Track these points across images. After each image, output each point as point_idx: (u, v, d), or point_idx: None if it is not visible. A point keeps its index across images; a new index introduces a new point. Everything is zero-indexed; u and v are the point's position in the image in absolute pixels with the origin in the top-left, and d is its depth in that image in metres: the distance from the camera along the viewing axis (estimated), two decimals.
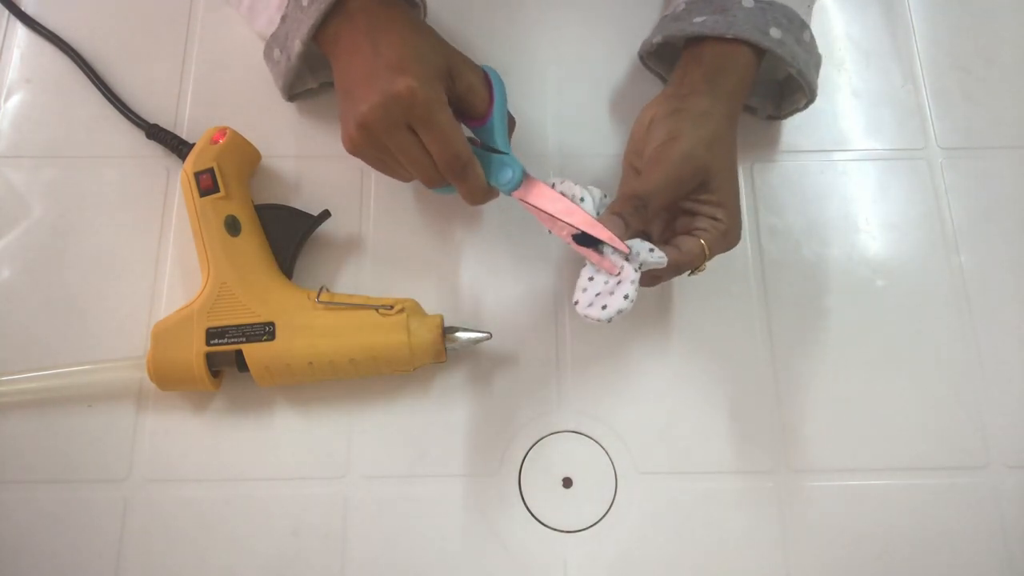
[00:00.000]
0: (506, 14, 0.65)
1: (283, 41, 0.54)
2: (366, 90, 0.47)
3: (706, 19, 0.52)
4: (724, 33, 0.51)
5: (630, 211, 0.48)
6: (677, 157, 0.48)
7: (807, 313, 0.48)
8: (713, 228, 0.49)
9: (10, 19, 0.65)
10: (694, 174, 0.48)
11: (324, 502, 0.52)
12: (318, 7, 0.49)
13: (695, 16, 0.53)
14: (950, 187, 0.60)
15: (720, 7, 0.53)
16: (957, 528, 0.52)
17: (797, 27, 0.53)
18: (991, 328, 0.56)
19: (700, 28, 0.52)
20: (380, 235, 0.59)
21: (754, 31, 0.51)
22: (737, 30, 0.51)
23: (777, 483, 0.53)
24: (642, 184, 0.48)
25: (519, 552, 0.51)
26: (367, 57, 0.48)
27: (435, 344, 0.52)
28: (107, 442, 0.53)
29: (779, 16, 0.53)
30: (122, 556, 0.51)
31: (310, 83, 0.59)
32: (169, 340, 0.52)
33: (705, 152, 0.48)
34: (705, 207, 0.50)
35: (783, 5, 0.53)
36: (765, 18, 0.52)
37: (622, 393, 0.55)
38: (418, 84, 0.46)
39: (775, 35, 0.52)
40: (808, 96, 0.56)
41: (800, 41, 0.53)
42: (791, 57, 0.52)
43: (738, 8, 0.52)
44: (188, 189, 0.55)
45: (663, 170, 0.48)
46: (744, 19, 0.52)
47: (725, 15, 0.52)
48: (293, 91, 0.59)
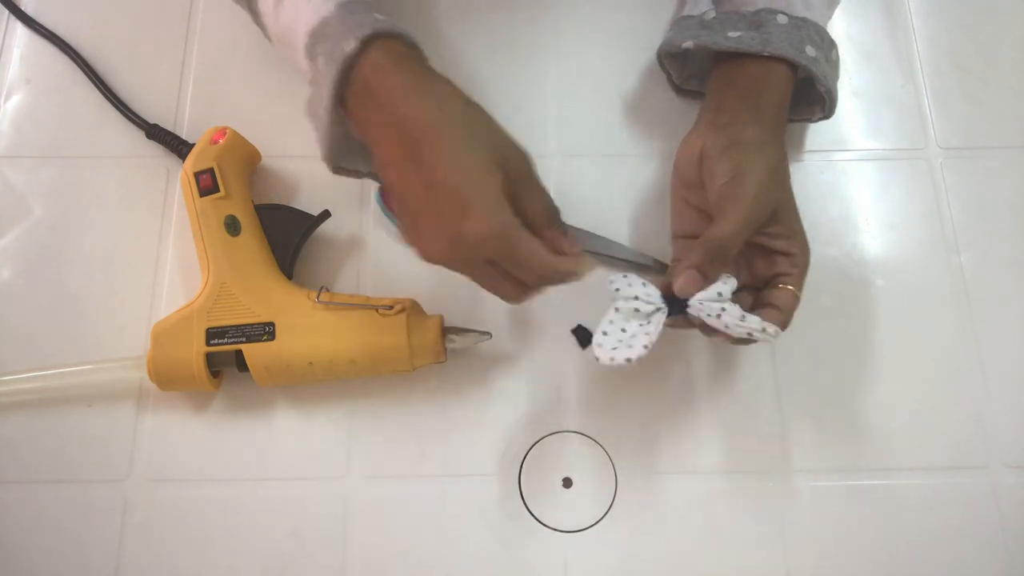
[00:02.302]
0: (506, 14, 0.65)
1: (313, 110, 0.47)
2: (430, 224, 0.43)
3: (742, 35, 0.52)
4: (761, 51, 0.50)
5: (708, 262, 0.46)
6: (751, 197, 0.46)
7: (807, 313, 0.48)
8: (792, 268, 0.48)
9: (10, 19, 0.65)
10: (768, 212, 0.47)
11: (324, 502, 0.52)
12: (331, 74, 0.44)
13: (729, 30, 0.52)
14: (950, 187, 0.60)
15: (755, 23, 0.52)
16: (957, 528, 0.52)
17: (828, 45, 0.53)
18: (991, 328, 0.56)
19: (736, 44, 0.51)
20: (380, 235, 0.58)
21: (790, 49, 0.50)
22: (774, 48, 0.50)
23: (777, 483, 0.53)
24: (721, 229, 0.46)
25: (519, 552, 0.51)
26: (421, 177, 0.43)
27: (435, 344, 0.52)
28: (107, 442, 0.53)
29: (812, 34, 0.52)
30: (122, 556, 0.51)
31: (360, 165, 0.52)
32: (169, 340, 0.52)
33: (773, 186, 0.47)
34: (778, 242, 0.48)
35: (814, 23, 0.52)
36: (800, 35, 0.51)
37: (622, 393, 0.55)
38: (492, 227, 0.41)
39: (810, 53, 0.51)
40: (825, 113, 0.56)
41: (829, 59, 0.53)
42: (823, 76, 0.52)
43: (773, 24, 0.51)
44: (188, 189, 0.55)
45: (741, 212, 0.46)
46: (780, 36, 0.51)
47: (760, 31, 0.51)
48: (340, 164, 0.51)
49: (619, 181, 0.60)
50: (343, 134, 0.48)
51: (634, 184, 0.60)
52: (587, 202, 0.59)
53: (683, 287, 0.46)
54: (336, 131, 0.47)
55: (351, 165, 0.52)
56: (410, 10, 0.64)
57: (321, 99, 0.46)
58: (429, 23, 0.64)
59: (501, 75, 0.62)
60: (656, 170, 0.60)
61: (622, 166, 0.60)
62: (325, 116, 0.46)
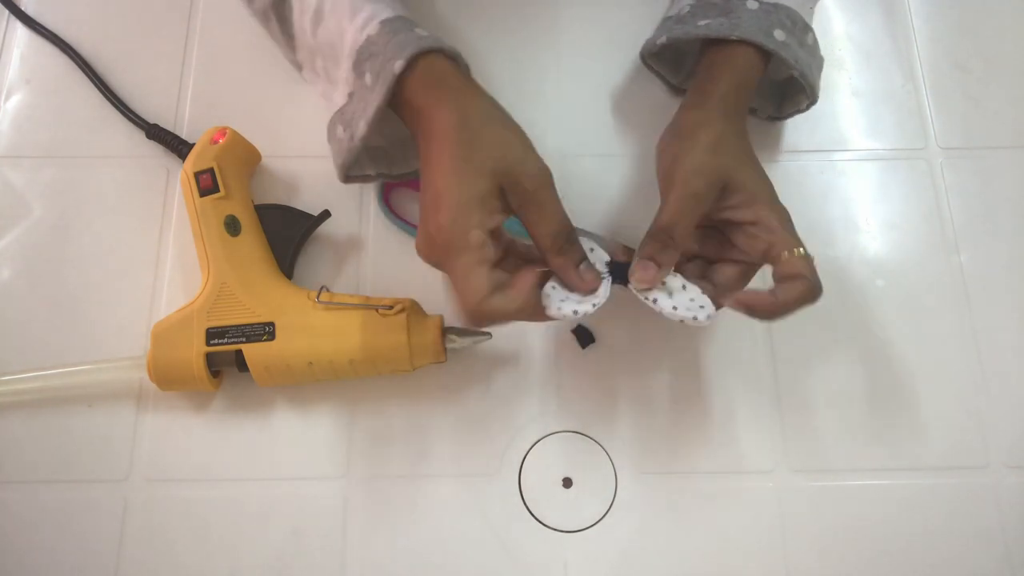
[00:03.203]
0: (506, 14, 0.65)
1: (349, 119, 0.50)
2: (420, 225, 0.46)
3: (711, 22, 0.52)
4: (728, 35, 0.51)
5: (658, 248, 0.46)
6: (682, 176, 0.47)
7: (807, 313, 0.48)
8: (773, 234, 0.46)
9: (10, 19, 0.65)
10: (708, 185, 0.47)
11: (324, 502, 0.52)
12: (379, 91, 0.47)
13: (700, 19, 0.53)
14: (950, 187, 0.60)
15: (725, 10, 0.53)
16: (957, 528, 0.52)
17: (800, 29, 0.53)
18: (991, 328, 0.56)
19: (705, 31, 0.52)
20: (380, 235, 0.58)
21: (758, 32, 0.51)
22: (741, 32, 0.51)
23: (777, 483, 0.53)
24: (660, 216, 0.47)
25: (519, 552, 0.51)
26: (425, 174, 0.46)
27: (435, 344, 0.52)
28: (107, 442, 0.53)
29: (783, 18, 0.52)
30: (122, 556, 0.51)
31: (368, 170, 0.55)
32: (169, 340, 0.52)
33: (711, 159, 0.47)
34: (741, 211, 0.47)
35: (787, 7, 0.53)
36: (769, 20, 0.52)
37: (622, 393, 0.55)
38: (444, 226, 0.43)
39: (779, 37, 0.51)
40: (810, 98, 0.56)
41: (803, 44, 0.53)
42: (794, 60, 0.52)
43: (743, 10, 0.52)
44: (188, 189, 0.55)
45: (675, 194, 0.47)
46: (748, 21, 0.51)
47: (729, 17, 0.52)
48: (350, 172, 0.53)
49: (616, 180, 0.60)
50: (363, 146, 0.50)
51: (631, 183, 0.60)
52: (584, 201, 0.59)
53: (639, 278, 0.47)
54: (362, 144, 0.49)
55: (360, 171, 0.54)
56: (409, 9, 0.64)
57: (364, 112, 0.48)
58: (428, 22, 0.64)
59: (499, 74, 0.62)
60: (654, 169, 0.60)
61: (620, 165, 0.60)
62: (365, 128, 0.48)
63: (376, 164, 0.55)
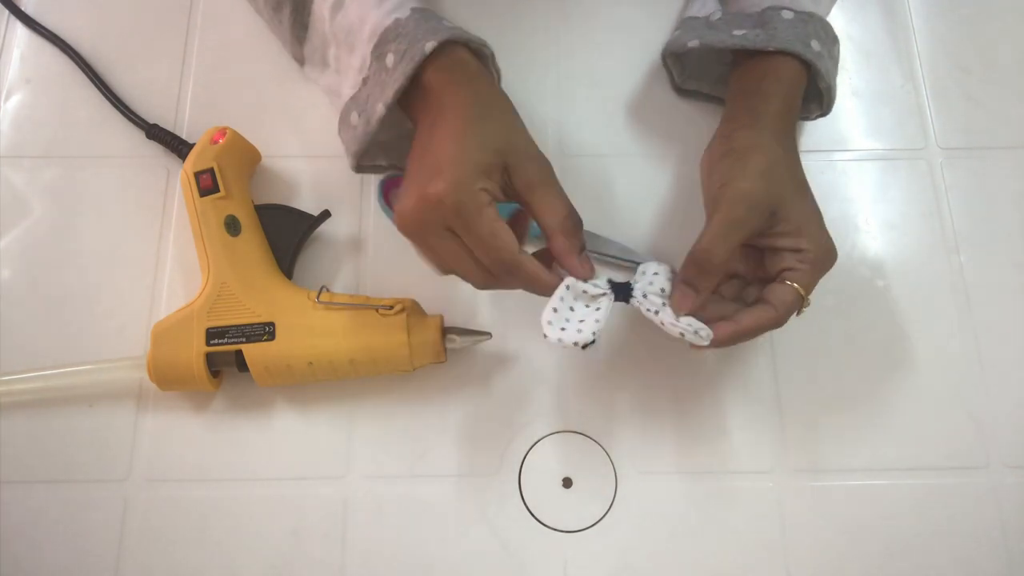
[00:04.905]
0: (507, 14, 0.65)
1: (363, 104, 0.50)
2: (409, 185, 0.45)
3: (747, 32, 0.51)
4: (766, 46, 0.50)
5: (695, 274, 0.46)
6: (729, 201, 0.46)
7: (807, 313, 0.48)
8: (800, 264, 0.46)
9: (10, 19, 0.65)
10: (754, 213, 0.46)
11: (324, 502, 0.52)
12: (404, 70, 0.47)
13: (734, 29, 0.52)
14: (950, 187, 0.60)
15: (760, 20, 0.52)
16: (957, 528, 0.52)
17: (831, 41, 0.53)
18: (991, 328, 0.56)
19: (741, 41, 0.51)
20: (380, 235, 0.59)
21: (796, 43, 0.50)
22: (779, 42, 0.50)
23: (777, 483, 0.53)
24: (702, 239, 0.46)
25: (519, 552, 0.51)
26: (423, 146, 0.46)
27: (435, 344, 0.52)
28: (107, 442, 0.54)
29: (818, 28, 0.52)
30: (122, 556, 0.51)
31: (380, 160, 0.56)
32: (169, 340, 0.52)
33: (762, 186, 0.46)
34: (784, 240, 0.47)
35: (820, 18, 0.52)
36: (806, 30, 0.51)
37: (622, 393, 0.55)
38: (450, 189, 0.43)
39: (815, 48, 0.50)
40: (823, 109, 0.56)
41: (832, 55, 0.53)
42: (826, 72, 0.51)
43: (779, 20, 0.51)
44: (188, 189, 0.55)
45: (720, 218, 0.46)
46: (785, 31, 0.50)
47: (766, 28, 0.51)
48: (362, 162, 0.53)
49: (619, 181, 0.60)
50: (379, 128, 0.49)
51: (634, 183, 0.60)
52: (586, 202, 0.58)
53: (676, 303, 0.46)
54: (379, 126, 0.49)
55: (371, 161, 0.55)
56: None
57: (382, 94, 0.48)
58: None
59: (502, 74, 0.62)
60: (656, 169, 0.60)
61: (622, 165, 0.60)
62: (383, 109, 0.48)
63: (388, 155, 0.55)
